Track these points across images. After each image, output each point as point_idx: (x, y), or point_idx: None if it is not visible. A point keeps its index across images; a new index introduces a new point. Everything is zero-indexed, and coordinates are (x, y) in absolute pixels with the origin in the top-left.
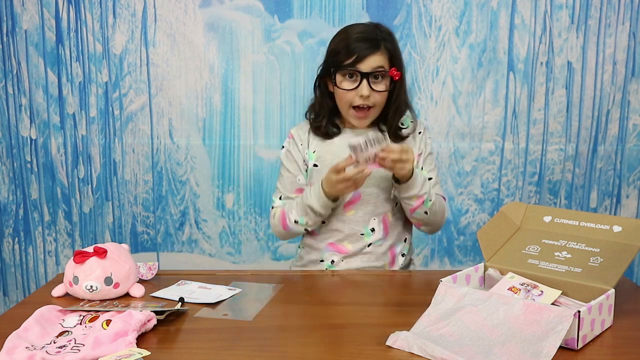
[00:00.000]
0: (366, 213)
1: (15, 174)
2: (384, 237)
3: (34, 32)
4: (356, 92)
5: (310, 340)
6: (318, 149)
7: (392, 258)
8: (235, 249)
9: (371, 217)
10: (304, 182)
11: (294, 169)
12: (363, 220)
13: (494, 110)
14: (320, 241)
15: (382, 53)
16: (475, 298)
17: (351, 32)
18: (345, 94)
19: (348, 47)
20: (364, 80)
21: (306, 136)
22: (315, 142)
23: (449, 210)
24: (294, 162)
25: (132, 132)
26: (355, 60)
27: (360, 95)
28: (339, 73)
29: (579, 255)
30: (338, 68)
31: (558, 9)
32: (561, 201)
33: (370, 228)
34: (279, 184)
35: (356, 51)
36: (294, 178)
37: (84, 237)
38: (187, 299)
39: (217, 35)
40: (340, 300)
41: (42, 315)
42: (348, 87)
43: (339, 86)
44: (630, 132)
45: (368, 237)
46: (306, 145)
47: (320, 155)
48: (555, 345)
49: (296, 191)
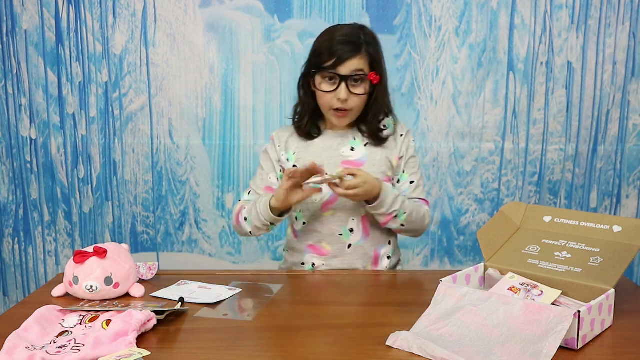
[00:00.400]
0: (344, 213)
1: (15, 174)
2: (364, 238)
3: (34, 32)
4: (335, 95)
5: (310, 340)
6: (298, 150)
7: (376, 260)
8: (235, 249)
9: (349, 218)
10: (275, 181)
11: (267, 167)
12: (341, 220)
13: (494, 110)
14: (300, 242)
15: (363, 57)
16: (475, 298)
17: (335, 33)
18: (324, 95)
19: (330, 48)
20: (343, 84)
21: (285, 138)
22: (296, 144)
23: (430, 217)
24: (269, 161)
25: (132, 132)
26: (335, 62)
27: (338, 99)
28: (318, 75)
29: (579, 255)
30: (318, 70)
31: (558, 9)
32: (561, 201)
33: (349, 228)
34: (251, 180)
35: (337, 54)
36: (266, 176)
37: (84, 237)
38: (187, 299)
39: (217, 35)
40: (340, 300)
41: (42, 315)
42: (327, 89)
43: (318, 88)
44: (630, 132)
45: (347, 238)
46: (283, 147)
47: (300, 156)
48: (555, 345)
49: (265, 189)
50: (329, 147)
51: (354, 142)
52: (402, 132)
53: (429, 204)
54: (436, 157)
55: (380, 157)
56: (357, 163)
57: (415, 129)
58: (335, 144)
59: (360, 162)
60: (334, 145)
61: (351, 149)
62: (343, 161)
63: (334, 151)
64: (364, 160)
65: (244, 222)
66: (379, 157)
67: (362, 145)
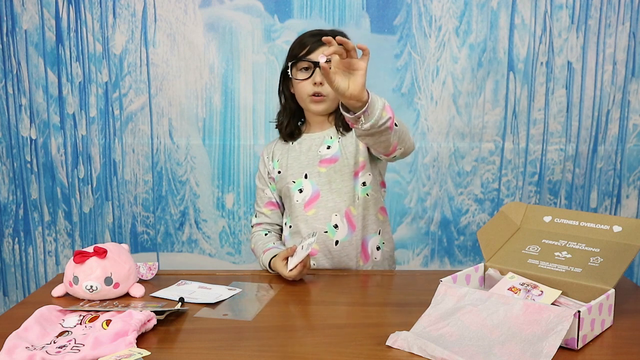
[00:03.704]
0: (327, 210)
1: (15, 174)
2: (350, 232)
3: (34, 32)
4: (310, 81)
5: (310, 340)
6: (281, 157)
7: (365, 253)
8: (235, 249)
9: (332, 214)
10: (271, 195)
11: (262, 184)
12: (324, 217)
13: (494, 110)
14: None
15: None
16: (475, 298)
17: (304, 34)
18: (300, 84)
19: (301, 41)
20: (317, 69)
21: (272, 149)
22: (279, 152)
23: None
24: (262, 177)
25: (132, 132)
26: (307, 51)
27: (314, 83)
28: (294, 67)
29: (579, 255)
30: (293, 61)
31: (558, 9)
32: (561, 201)
33: (333, 224)
34: (255, 202)
35: (308, 44)
36: (262, 193)
37: (84, 237)
38: (187, 299)
39: (217, 35)
40: (340, 300)
41: (42, 315)
42: (303, 77)
43: (294, 77)
44: (630, 132)
45: (333, 235)
46: (270, 157)
47: (282, 162)
48: (555, 345)
49: (266, 205)
50: (307, 149)
51: (329, 141)
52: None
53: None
54: (436, 157)
55: (351, 147)
56: (332, 159)
57: (415, 129)
58: (314, 146)
59: (335, 158)
60: (312, 146)
61: (327, 147)
62: (320, 160)
63: (312, 152)
64: (338, 155)
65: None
66: (351, 147)
67: (336, 141)
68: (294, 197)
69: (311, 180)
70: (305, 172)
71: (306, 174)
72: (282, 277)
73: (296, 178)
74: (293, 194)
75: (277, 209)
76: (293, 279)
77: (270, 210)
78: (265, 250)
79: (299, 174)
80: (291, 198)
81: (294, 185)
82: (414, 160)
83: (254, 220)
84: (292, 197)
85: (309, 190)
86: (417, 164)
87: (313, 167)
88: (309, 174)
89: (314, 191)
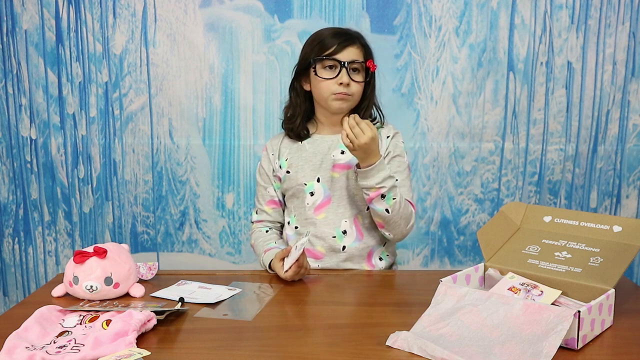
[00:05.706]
0: (336, 215)
1: (15, 174)
2: (358, 240)
3: (34, 32)
4: (336, 80)
5: (310, 340)
6: (290, 156)
7: (370, 262)
8: (235, 249)
9: (342, 219)
10: (274, 193)
11: (264, 181)
12: (334, 222)
13: (494, 110)
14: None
15: (358, 47)
16: (475, 298)
17: (324, 31)
18: (324, 82)
19: (324, 41)
20: (344, 69)
21: (278, 146)
22: (287, 150)
23: (414, 221)
24: (265, 174)
25: (132, 132)
26: (334, 50)
27: (340, 83)
28: (318, 64)
29: (579, 255)
30: (318, 59)
31: (558, 9)
32: (561, 201)
33: (342, 230)
34: (255, 198)
35: (334, 43)
36: (264, 190)
37: (84, 237)
38: (187, 299)
39: (217, 35)
40: (340, 300)
41: (42, 315)
42: (328, 76)
43: (319, 75)
44: (630, 132)
45: (340, 240)
46: (277, 155)
47: (292, 162)
48: (555, 345)
49: (268, 203)
50: (320, 152)
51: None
52: (388, 133)
53: (415, 208)
54: (436, 157)
55: None
56: (346, 165)
57: (415, 129)
58: (326, 148)
59: (350, 164)
60: (324, 149)
61: (341, 152)
62: (334, 164)
63: (325, 155)
64: (352, 162)
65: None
66: None
67: None
68: (305, 200)
69: (323, 185)
70: (318, 175)
71: (319, 178)
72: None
73: (308, 180)
74: (305, 196)
75: (279, 207)
76: (291, 280)
77: (272, 208)
78: (266, 250)
79: (311, 177)
80: (301, 200)
81: (305, 187)
82: (414, 160)
83: (254, 216)
84: (302, 199)
85: (320, 194)
86: (417, 164)
87: (326, 171)
88: (322, 178)
89: (325, 196)
